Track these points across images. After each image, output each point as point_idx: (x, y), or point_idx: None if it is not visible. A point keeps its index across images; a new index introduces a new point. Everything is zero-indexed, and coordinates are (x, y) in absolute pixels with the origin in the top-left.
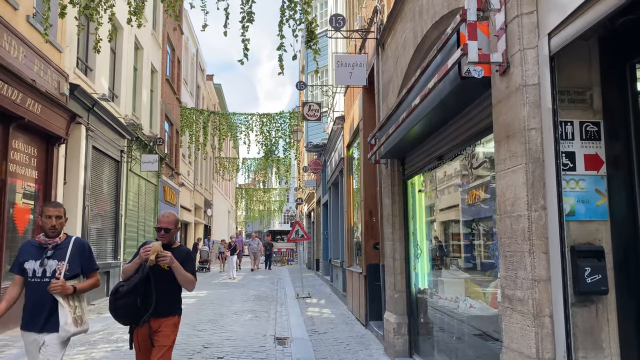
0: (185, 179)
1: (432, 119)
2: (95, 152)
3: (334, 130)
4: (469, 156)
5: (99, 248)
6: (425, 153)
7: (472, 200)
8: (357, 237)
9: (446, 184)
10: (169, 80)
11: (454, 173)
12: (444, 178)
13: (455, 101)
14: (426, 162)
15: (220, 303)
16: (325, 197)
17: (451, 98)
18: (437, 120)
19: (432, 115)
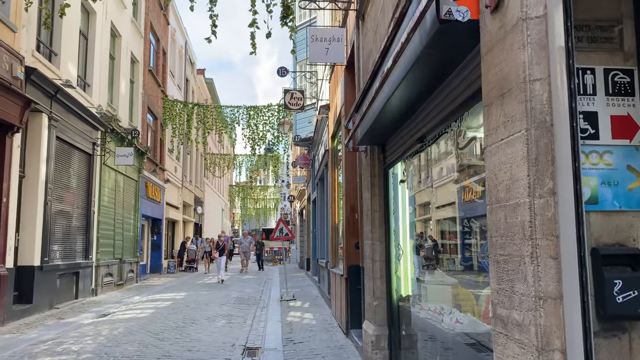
0: (172, 175)
1: (410, 87)
2: (61, 143)
3: (319, 121)
4: (454, 134)
5: (66, 247)
6: (406, 135)
7: (462, 191)
8: (341, 236)
9: (430, 171)
10: (152, 72)
11: (439, 157)
12: (426, 164)
13: (437, 58)
14: (408, 146)
15: (196, 306)
16: (314, 193)
17: (430, 55)
18: (416, 89)
19: (410, 83)
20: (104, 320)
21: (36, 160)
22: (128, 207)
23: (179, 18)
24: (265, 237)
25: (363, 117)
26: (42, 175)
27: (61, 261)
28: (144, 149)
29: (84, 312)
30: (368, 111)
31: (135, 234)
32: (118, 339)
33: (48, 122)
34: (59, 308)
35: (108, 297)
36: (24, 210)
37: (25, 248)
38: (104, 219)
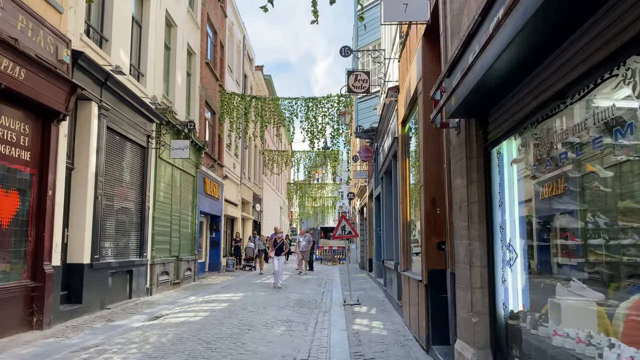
0: (230, 172)
1: (544, 23)
2: (112, 134)
3: (386, 106)
4: (628, 76)
5: (118, 244)
6: (529, 95)
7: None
8: (415, 235)
9: (566, 143)
10: (209, 65)
11: (589, 119)
12: (565, 132)
13: None
14: (530, 111)
15: (253, 310)
16: (377, 189)
17: None
18: (556, 22)
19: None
20: (154, 325)
21: (85, 152)
22: (185, 203)
23: (236, 11)
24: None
25: (461, 81)
26: (92, 168)
27: (113, 259)
28: (202, 144)
29: (135, 313)
30: (469, 71)
31: (193, 230)
32: (165, 348)
33: (98, 111)
34: (110, 309)
35: (163, 297)
36: (73, 204)
37: (75, 245)
38: (159, 215)
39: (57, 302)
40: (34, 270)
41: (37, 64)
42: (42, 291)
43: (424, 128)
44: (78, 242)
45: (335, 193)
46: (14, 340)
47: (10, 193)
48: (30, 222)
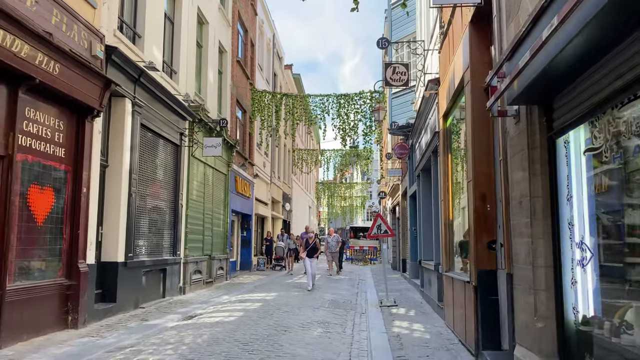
0: (260, 171)
1: None
2: (146, 131)
3: (425, 99)
4: None
5: (152, 243)
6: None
7: None
8: (459, 233)
9: None
10: (240, 63)
11: None
12: None
13: None
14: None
15: (288, 310)
16: (412, 187)
17: None
18: None
19: None
20: (189, 324)
21: (119, 149)
22: (217, 202)
23: (266, 9)
24: (354, 235)
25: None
26: (126, 165)
27: (147, 257)
28: (233, 142)
29: (169, 312)
30: (541, 50)
31: (225, 229)
32: (201, 350)
33: (132, 108)
34: (145, 308)
35: (196, 295)
36: (107, 202)
37: (109, 243)
38: (192, 213)
39: (92, 300)
40: (69, 268)
41: (72, 58)
42: (77, 289)
43: (472, 120)
44: (112, 240)
45: (364, 192)
46: (49, 340)
47: (45, 190)
48: (65, 219)
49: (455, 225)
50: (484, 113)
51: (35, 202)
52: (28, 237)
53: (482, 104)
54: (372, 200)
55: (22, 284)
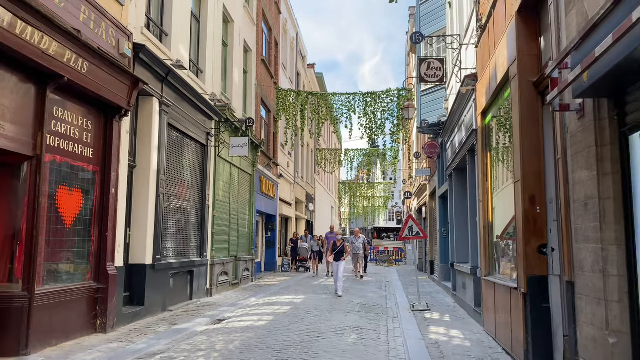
0: (284, 171)
1: None
2: (173, 131)
3: (460, 95)
4: None
5: (179, 244)
6: None
7: None
8: (500, 236)
9: None
10: (265, 62)
11: None
12: None
13: None
14: None
15: (319, 314)
16: (443, 187)
17: None
18: None
19: None
20: (219, 329)
21: (147, 149)
22: (243, 202)
23: (290, 8)
24: (377, 235)
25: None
26: (154, 166)
27: (174, 259)
28: (258, 142)
29: (197, 316)
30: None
31: (250, 230)
32: (234, 357)
33: (159, 108)
34: (172, 311)
35: (223, 298)
36: (135, 203)
37: (137, 245)
38: (219, 214)
39: (120, 304)
40: (97, 271)
41: (100, 56)
42: (106, 293)
43: (520, 116)
44: (140, 242)
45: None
46: (78, 345)
47: (73, 191)
48: (93, 221)
49: (496, 227)
50: (533, 108)
51: (64, 203)
52: (56, 240)
53: (530, 99)
54: (395, 200)
55: (50, 287)
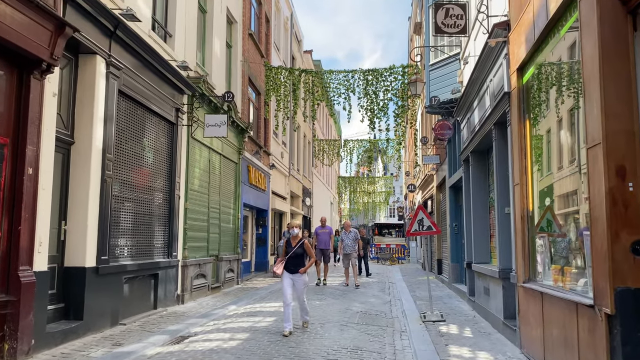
0: (278, 161)
1: None
2: (128, 102)
3: (485, 56)
4: None
5: (138, 242)
6: None
7: None
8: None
9: None
10: (253, 37)
11: None
12: None
13: None
14: None
15: (308, 329)
16: (454, 175)
17: None
18: None
19: None
20: (174, 353)
21: (89, 121)
22: (226, 194)
23: None
24: (378, 232)
25: None
26: (98, 142)
27: (130, 260)
28: (245, 125)
29: (155, 332)
30: None
31: (235, 225)
32: None
33: (106, 69)
34: (126, 324)
35: (197, 305)
36: (72, 190)
37: (74, 243)
38: (194, 206)
39: (44, 320)
40: (4, 278)
41: None
42: (17, 307)
43: (600, 47)
44: (79, 240)
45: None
46: None
47: None
48: (1, 211)
49: (533, 217)
50: (620, 34)
51: None
52: None
53: (615, 20)
54: (397, 195)
55: None
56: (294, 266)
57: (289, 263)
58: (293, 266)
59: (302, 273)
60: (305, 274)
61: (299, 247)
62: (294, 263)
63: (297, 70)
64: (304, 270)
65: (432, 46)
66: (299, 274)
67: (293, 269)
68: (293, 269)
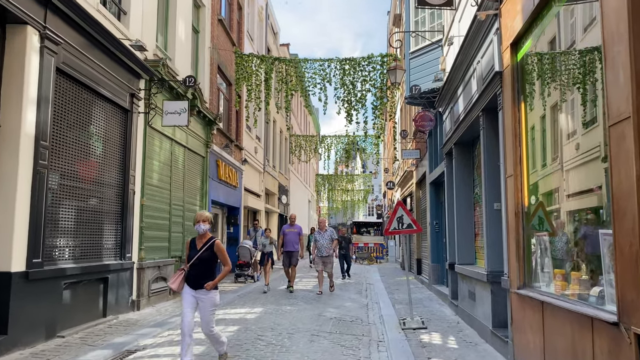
0: (251, 157)
1: None
2: (69, 82)
3: (476, 26)
4: None
5: (82, 242)
6: None
7: None
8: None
9: None
10: (223, 23)
11: None
12: None
13: None
14: None
15: (274, 340)
16: (436, 170)
17: None
18: None
19: None
20: None
21: (17, 101)
22: (192, 190)
23: None
24: (357, 231)
25: None
26: (29, 127)
27: (73, 263)
28: (213, 116)
29: (97, 346)
30: None
31: None
32: None
33: (40, 43)
34: (65, 337)
35: (154, 312)
36: None
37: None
38: (152, 202)
39: None
40: None
41: None
42: None
43: None
44: (3, 240)
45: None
46: None
47: None
48: None
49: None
50: None
51: None
52: None
53: None
54: (375, 194)
55: None
56: (198, 278)
57: (192, 274)
58: (196, 278)
59: (209, 289)
60: (215, 290)
61: (205, 250)
62: (198, 273)
63: (269, 58)
64: (213, 285)
65: (413, 31)
66: (205, 291)
67: (196, 282)
68: (196, 282)
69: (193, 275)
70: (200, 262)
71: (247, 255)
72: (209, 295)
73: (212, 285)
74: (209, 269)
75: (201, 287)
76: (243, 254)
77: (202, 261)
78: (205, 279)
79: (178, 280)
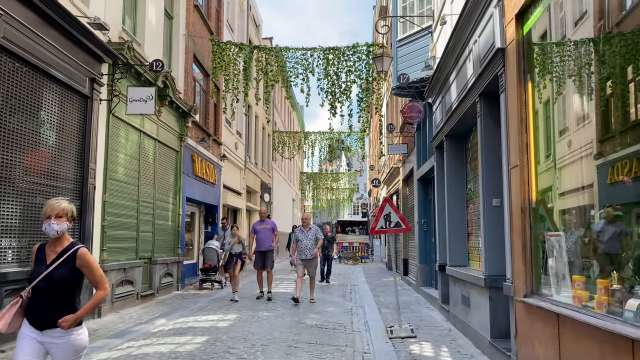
0: (231, 152)
1: None
2: (14, 62)
3: (473, 1)
4: None
5: (29, 243)
6: None
7: None
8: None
9: None
10: (199, 10)
11: None
12: None
13: None
14: None
15: (244, 353)
16: (424, 166)
17: None
18: None
19: None
20: None
21: None
22: (164, 186)
23: None
24: (342, 230)
25: None
26: None
27: (17, 267)
28: (187, 108)
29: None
30: None
31: (176, 223)
32: None
33: None
34: (5, 351)
35: (117, 319)
36: None
37: None
38: (117, 199)
39: None
40: None
41: None
42: None
43: None
44: None
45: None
46: None
47: None
48: None
49: (554, 210)
50: None
51: None
52: None
53: None
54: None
55: None
56: (46, 311)
57: (35, 304)
58: (43, 311)
59: (66, 327)
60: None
61: (61, 265)
62: (45, 303)
63: (248, 46)
64: (73, 321)
65: (401, 16)
66: (60, 331)
67: (42, 319)
68: (42, 319)
69: (36, 305)
70: (51, 284)
71: (214, 258)
72: (68, 339)
73: (73, 321)
74: (65, 295)
75: (52, 325)
76: (209, 256)
77: (54, 283)
78: (59, 311)
79: (8, 315)
